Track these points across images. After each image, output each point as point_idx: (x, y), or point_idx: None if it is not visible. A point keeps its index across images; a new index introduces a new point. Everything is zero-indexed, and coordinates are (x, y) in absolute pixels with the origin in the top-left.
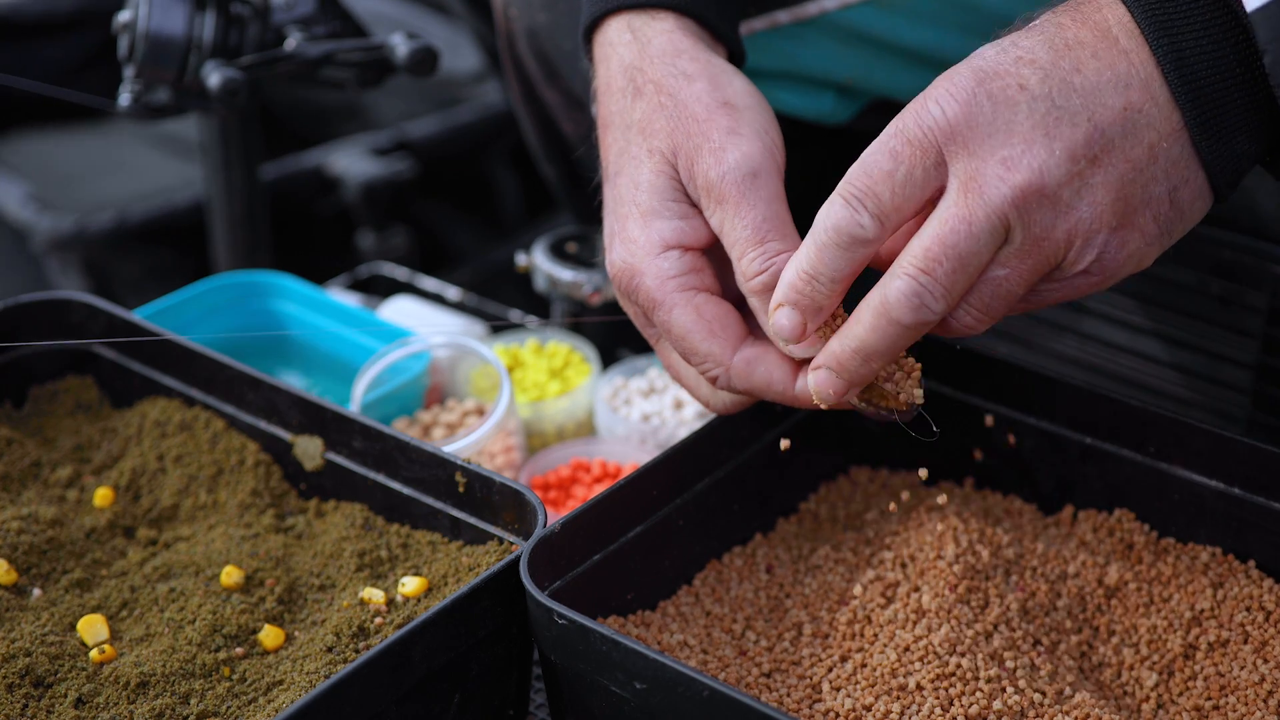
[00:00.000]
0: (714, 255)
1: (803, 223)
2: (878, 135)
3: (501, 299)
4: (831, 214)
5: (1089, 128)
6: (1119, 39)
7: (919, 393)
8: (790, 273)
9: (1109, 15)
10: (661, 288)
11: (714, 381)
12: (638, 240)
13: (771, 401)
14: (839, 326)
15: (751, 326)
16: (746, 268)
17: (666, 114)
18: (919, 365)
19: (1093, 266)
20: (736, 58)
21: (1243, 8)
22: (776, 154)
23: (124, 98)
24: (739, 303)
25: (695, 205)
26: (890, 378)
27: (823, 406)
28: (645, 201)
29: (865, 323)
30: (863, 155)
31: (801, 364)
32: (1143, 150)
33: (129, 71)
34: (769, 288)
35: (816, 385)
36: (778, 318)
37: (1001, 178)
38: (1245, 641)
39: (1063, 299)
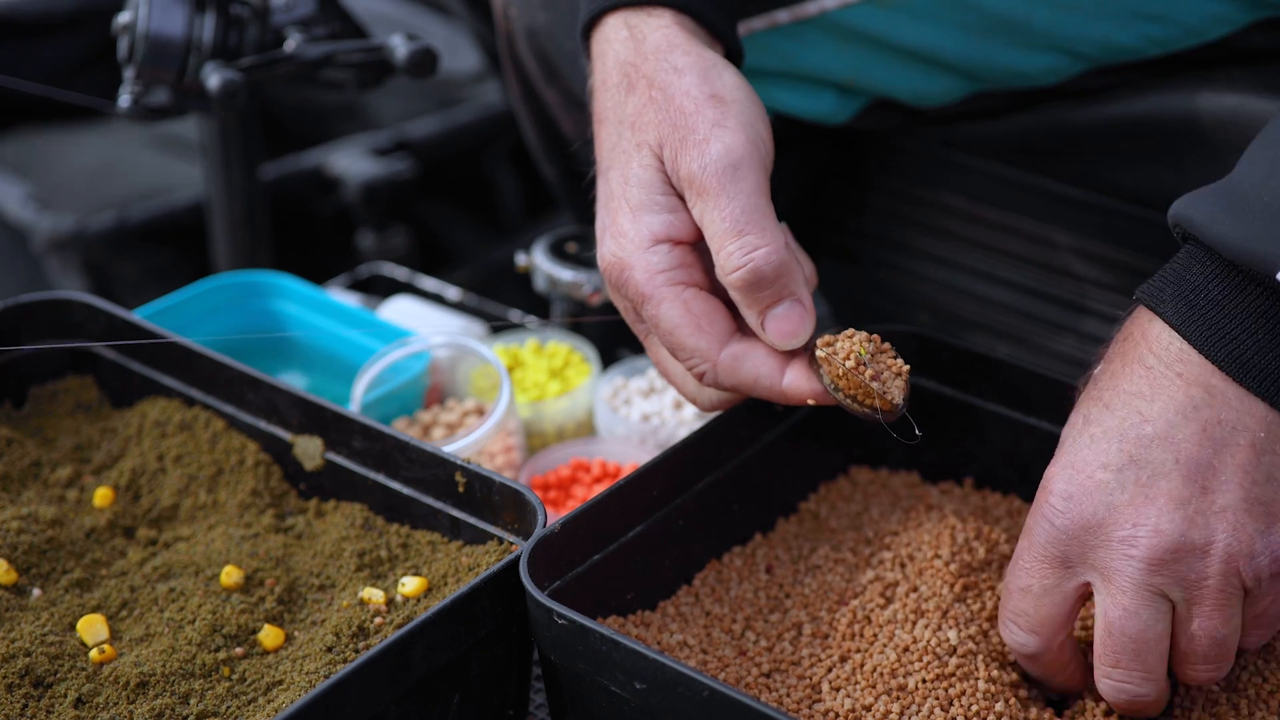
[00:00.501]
0: (703, 249)
1: (802, 223)
2: (878, 135)
3: (501, 299)
4: (1005, 637)
5: (1180, 469)
6: (1168, 367)
7: (904, 394)
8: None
9: (1154, 347)
10: (650, 282)
11: (701, 378)
12: (627, 234)
13: (759, 398)
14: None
15: (739, 323)
16: (725, 261)
17: (656, 108)
18: (908, 367)
19: (1275, 568)
20: (734, 55)
21: (1273, 278)
22: (762, 148)
23: (124, 99)
24: (727, 298)
25: (683, 203)
26: (878, 377)
27: (810, 403)
28: (635, 196)
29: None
30: (1005, 578)
31: (788, 359)
32: (1246, 452)
33: (129, 73)
34: (747, 282)
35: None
36: (772, 321)
37: (1129, 556)
38: None
39: (1276, 612)
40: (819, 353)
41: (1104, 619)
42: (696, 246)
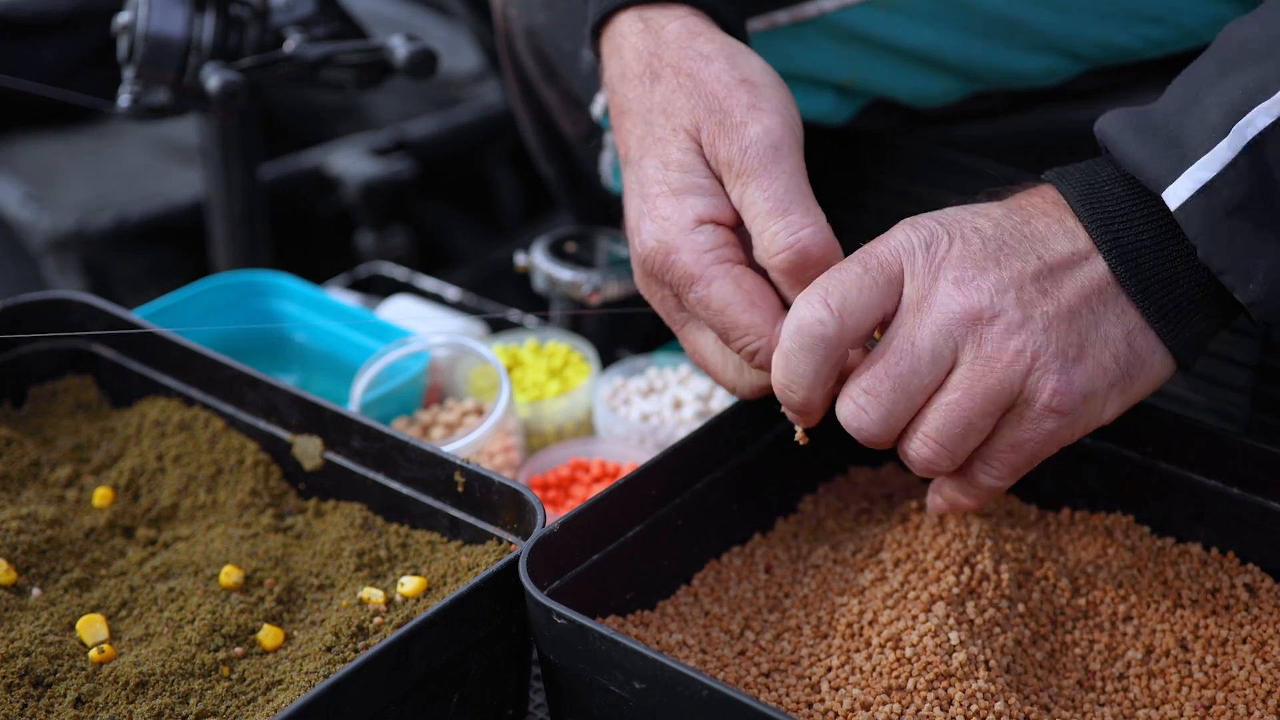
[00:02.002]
0: (742, 234)
1: None
2: (877, 136)
3: (501, 299)
4: (798, 312)
5: (1037, 263)
6: (1065, 214)
7: None
8: (773, 380)
9: (1061, 209)
10: (698, 261)
11: (752, 357)
12: (670, 218)
13: None
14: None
15: (786, 301)
16: (769, 242)
17: (686, 93)
18: None
19: (1054, 401)
20: None
21: (1167, 206)
22: (796, 130)
23: (123, 99)
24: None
25: (722, 187)
26: None
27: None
28: (676, 179)
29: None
30: (831, 268)
31: None
32: (1092, 289)
33: (128, 73)
34: (793, 263)
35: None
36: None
37: (950, 295)
38: (1244, 641)
39: (1033, 450)
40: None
41: (886, 344)
42: (737, 229)
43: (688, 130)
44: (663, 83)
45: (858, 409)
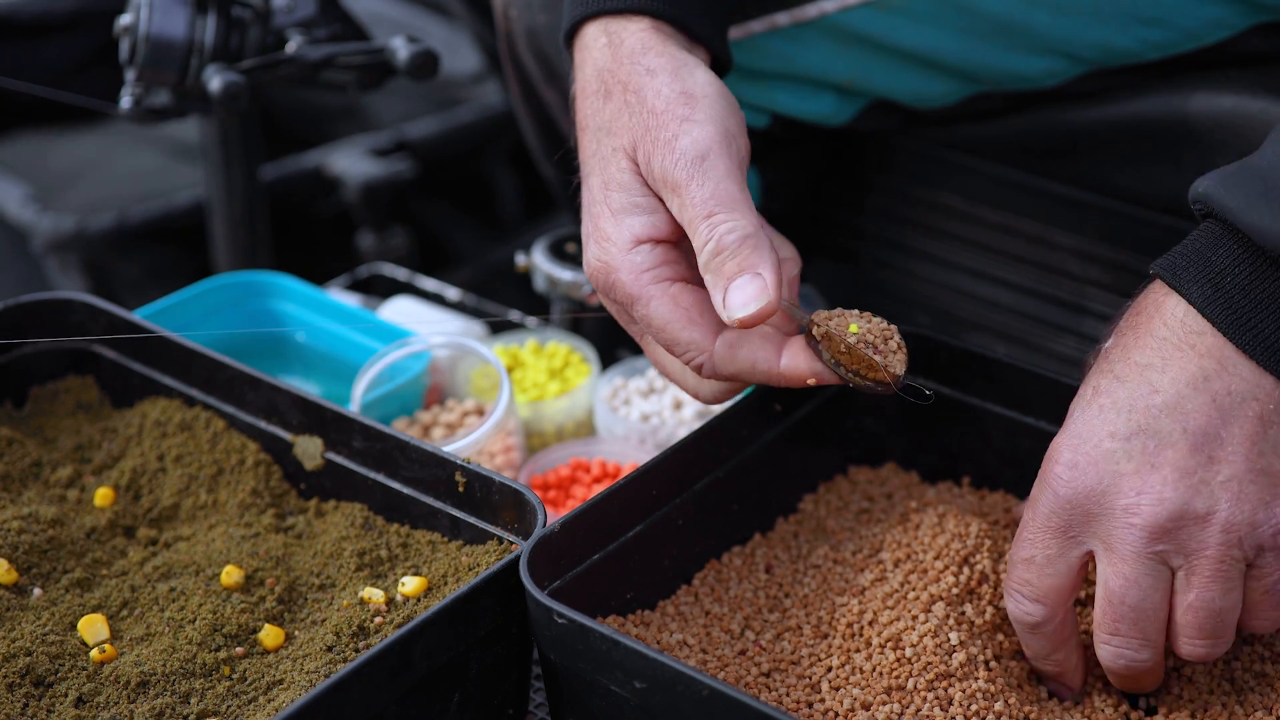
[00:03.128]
0: (686, 248)
1: (802, 223)
2: (878, 137)
3: (501, 299)
4: (1009, 607)
5: (1187, 438)
6: (1182, 339)
7: (904, 364)
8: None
9: (1168, 320)
10: (636, 281)
11: (699, 370)
12: (611, 238)
13: (759, 383)
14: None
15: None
16: (698, 243)
17: (630, 111)
18: (901, 339)
19: (1278, 541)
20: (721, 59)
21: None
22: (733, 140)
23: (125, 101)
24: None
25: (662, 204)
26: (879, 351)
27: (810, 383)
28: (615, 200)
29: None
30: (1011, 549)
31: (783, 342)
32: (1253, 423)
33: (130, 75)
34: (712, 253)
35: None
36: (730, 293)
37: (1130, 524)
38: (1245, 642)
39: None
40: (816, 330)
41: (1104, 587)
42: (679, 245)
43: (626, 150)
44: (612, 100)
45: (1115, 650)
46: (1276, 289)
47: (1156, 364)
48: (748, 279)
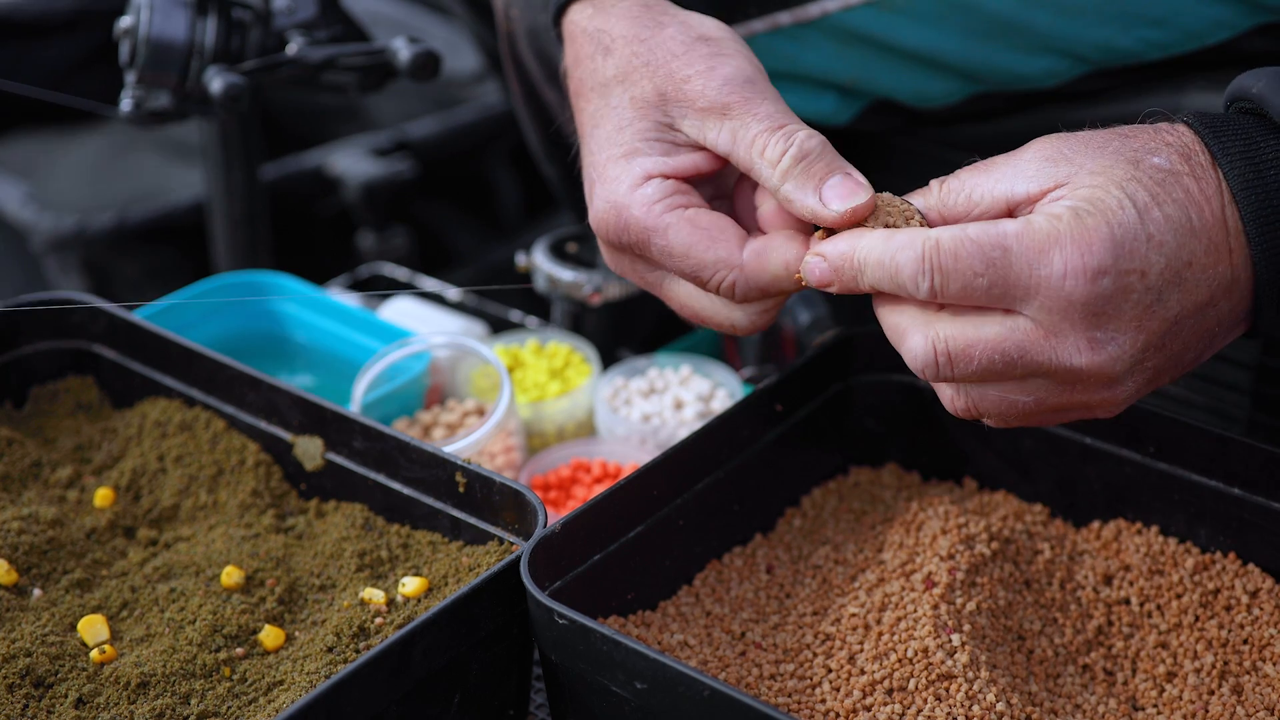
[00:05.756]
0: (697, 183)
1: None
2: (878, 136)
3: (501, 299)
4: (906, 259)
5: (1170, 321)
6: (1229, 234)
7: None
8: (842, 250)
9: (1225, 202)
10: (649, 213)
11: (731, 291)
12: (619, 178)
13: (793, 292)
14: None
15: (749, 227)
16: (770, 154)
17: (642, 60)
18: (919, 212)
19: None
20: None
21: None
22: (767, 77)
23: (125, 103)
24: (730, 214)
25: (678, 145)
26: (893, 225)
27: (834, 290)
28: (628, 141)
29: (872, 267)
30: (971, 235)
31: (810, 236)
32: (1199, 334)
33: (130, 77)
34: (795, 160)
35: (807, 270)
36: (826, 191)
37: (1079, 350)
38: (1245, 642)
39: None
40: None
41: (1001, 337)
42: (690, 181)
43: (645, 97)
44: (614, 55)
45: (933, 353)
46: None
47: (1203, 236)
48: (840, 178)
